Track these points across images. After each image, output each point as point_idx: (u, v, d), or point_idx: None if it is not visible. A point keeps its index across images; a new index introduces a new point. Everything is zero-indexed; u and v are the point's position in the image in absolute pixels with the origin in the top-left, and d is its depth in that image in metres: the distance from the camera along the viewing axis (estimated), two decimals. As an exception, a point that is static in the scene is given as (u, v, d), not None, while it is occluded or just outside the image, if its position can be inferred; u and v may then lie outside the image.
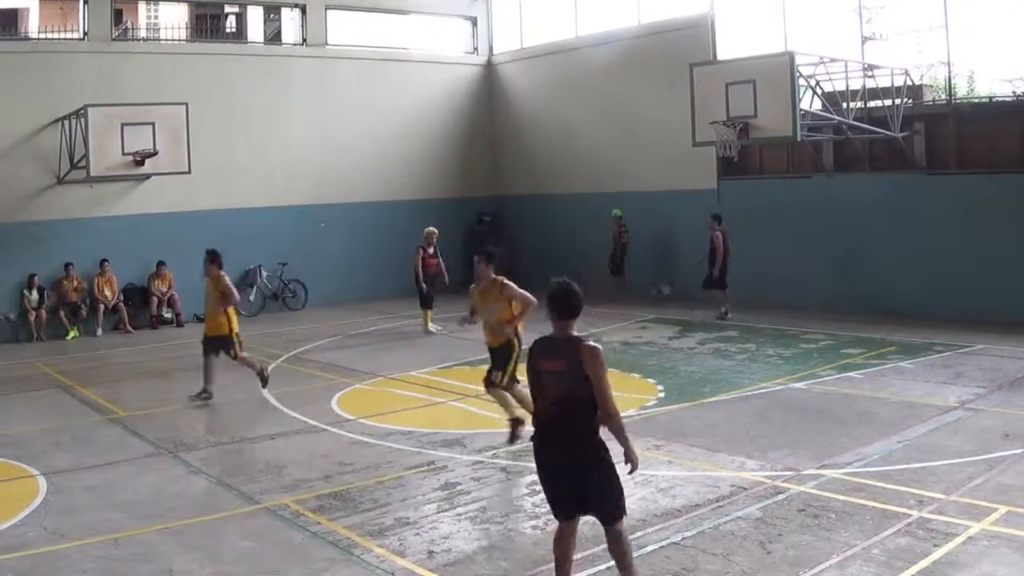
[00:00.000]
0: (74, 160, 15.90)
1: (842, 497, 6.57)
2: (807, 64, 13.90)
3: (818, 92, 14.20)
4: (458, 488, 7.24)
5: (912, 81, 14.92)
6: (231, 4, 20.46)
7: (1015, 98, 14.37)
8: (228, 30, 20.92)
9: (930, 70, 15.28)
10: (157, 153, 15.53)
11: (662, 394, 10.30)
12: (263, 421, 9.77)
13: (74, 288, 16.54)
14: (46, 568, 5.86)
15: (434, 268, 15.27)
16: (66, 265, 16.49)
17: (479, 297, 8.39)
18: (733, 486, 6.97)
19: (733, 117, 13.99)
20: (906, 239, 14.69)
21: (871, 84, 14.81)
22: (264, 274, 18.49)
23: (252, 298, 18.18)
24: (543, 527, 6.21)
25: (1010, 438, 7.88)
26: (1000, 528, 5.86)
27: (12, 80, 16.06)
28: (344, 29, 20.19)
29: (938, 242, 14.30)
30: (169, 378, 12.36)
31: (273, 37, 20.50)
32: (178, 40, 19.05)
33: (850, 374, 10.78)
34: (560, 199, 20.28)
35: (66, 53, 16.84)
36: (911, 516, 6.13)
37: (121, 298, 16.99)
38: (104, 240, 16.75)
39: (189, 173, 16.06)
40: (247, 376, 10.92)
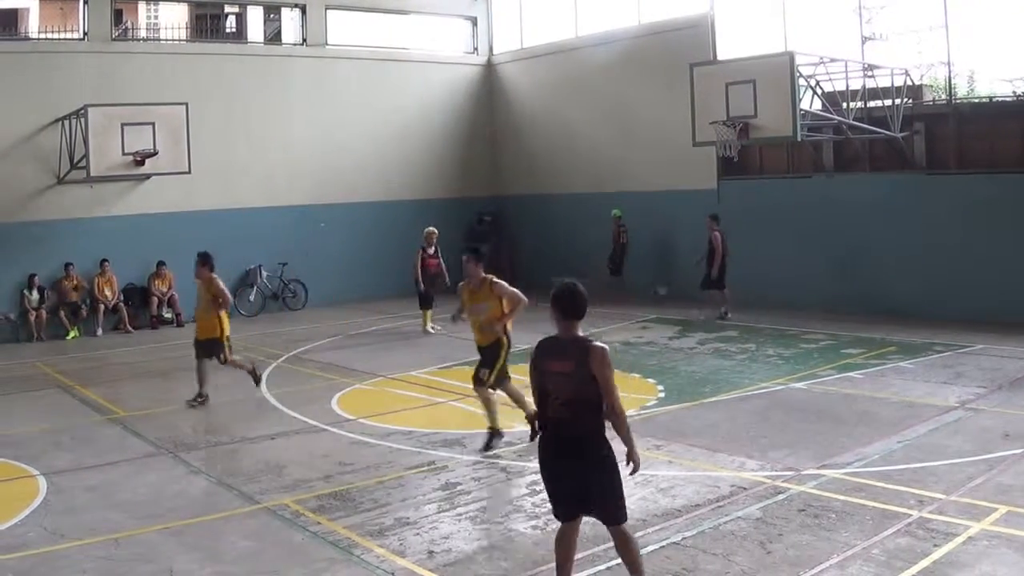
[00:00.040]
0: (74, 160, 15.89)
1: (842, 497, 6.57)
2: (807, 64, 13.90)
3: (818, 92, 14.19)
4: (458, 488, 7.25)
5: (912, 81, 14.92)
6: (231, 4, 20.47)
7: (1015, 98, 14.37)
8: (228, 30, 20.93)
9: (930, 70, 15.30)
10: (157, 153, 15.52)
11: (662, 394, 10.30)
12: (263, 421, 9.76)
13: (74, 288, 16.53)
14: (46, 568, 5.86)
15: (434, 268, 15.26)
16: (66, 265, 16.49)
17: (468, 296, 8.43)
18: (733, 486, 6.97)
19: (733, 117, 13.99)
20: (906, 239, 14.69)
21: (871, 84, 14.81)
22: (264, 274, 18.48)
23: (252, 298, 18.20)
24: (543, 527, 6.21)
25: (1010, 438, 7.88)
26: (1000, 528, 5.86)
27: (12, 80, 16.05)
28: (344, 29, 20.19)
29: (938, 242, 14.30)
30: (169, 378, 12.35)
31: (273, 37, 20.50)
32: (178, 40, 19.06)
33: (850, 374, 10.79)
34: (560, 199, 20.28)
35: (66, 53, 16.82)
36: (911, 516, 6.13)
37: (121, 298, 16.98)
38: (104, 240, 16.75)
39: (189, 173, 16.05)
40: (245, 376, 10.92)
